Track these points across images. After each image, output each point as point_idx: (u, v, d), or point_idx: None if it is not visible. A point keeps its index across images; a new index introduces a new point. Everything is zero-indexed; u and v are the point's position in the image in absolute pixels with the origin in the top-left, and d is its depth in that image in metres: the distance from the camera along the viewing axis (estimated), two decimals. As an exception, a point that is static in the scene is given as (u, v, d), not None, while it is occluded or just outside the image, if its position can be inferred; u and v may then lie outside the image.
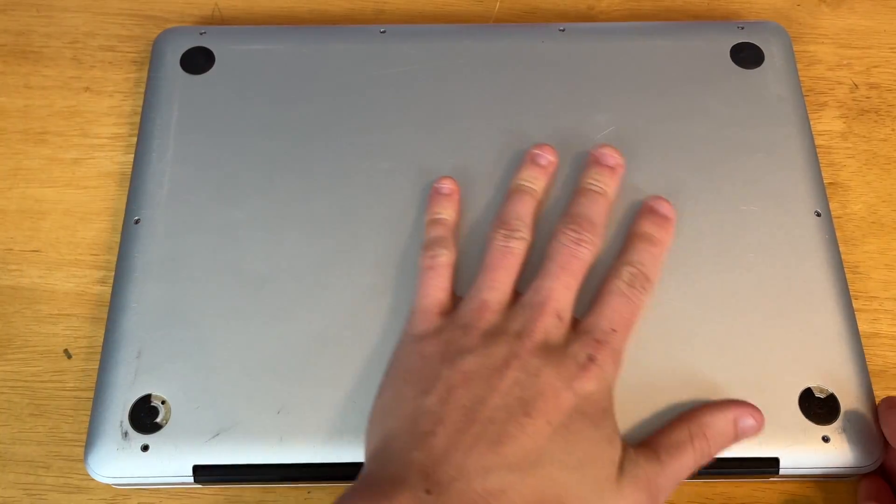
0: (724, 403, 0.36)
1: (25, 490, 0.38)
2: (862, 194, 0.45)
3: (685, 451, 0.34)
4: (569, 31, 0.47)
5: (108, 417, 0.37)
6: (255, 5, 0.52)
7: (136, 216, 0.41)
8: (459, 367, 0.34)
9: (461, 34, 0.47)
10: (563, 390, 0.33)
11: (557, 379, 0.33)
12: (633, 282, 0.37)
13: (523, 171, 0.41)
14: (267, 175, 0.42)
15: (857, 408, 0.37)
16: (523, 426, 0.32)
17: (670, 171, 0.42)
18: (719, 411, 0.36)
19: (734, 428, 0.35)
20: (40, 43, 0.50)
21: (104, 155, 0.46)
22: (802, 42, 0.50)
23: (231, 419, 0.36)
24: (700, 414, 0.36)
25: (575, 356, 0.34)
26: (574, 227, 0.38)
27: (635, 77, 0.45)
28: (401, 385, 0.35)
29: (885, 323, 0.42)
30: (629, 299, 0.37)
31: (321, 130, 0.44)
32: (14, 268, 0.43)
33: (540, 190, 0.41)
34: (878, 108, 0.48)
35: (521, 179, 0.41)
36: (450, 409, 0.32)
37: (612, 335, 0.36)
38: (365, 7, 0.52)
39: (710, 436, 0.35)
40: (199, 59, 0.46)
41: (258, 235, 0.41)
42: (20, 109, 0.48)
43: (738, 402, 0.36)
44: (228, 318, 0.39)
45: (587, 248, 0.38)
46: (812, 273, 0.40)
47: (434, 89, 0.45)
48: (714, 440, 0.35)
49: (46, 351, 0.41)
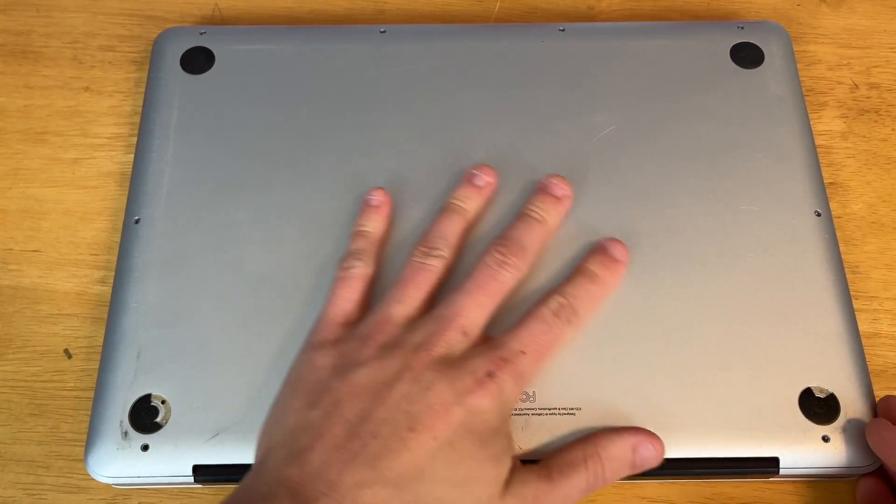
0: (625, 429, 0.36)
1: (25, 490, 0.38)
2: (862, 194, 0.45)
3: (578, 471, 0.34)
4: (569, 31, 0.47)
5: (108, 417, 0.37)
6: (255, 5, 0.52)
7: (136, 216, 0.41)
8: (350, 379, 0.33)
9: (461, 34, 0.47)
10: (453, 405, 0.33)
11: (449, 393, 0.33)
12: (560, 312, 0.36)
13: (457, 189, 0.40)
14: (267, 175, 0.42)
15: (857, 408, 0.37)
16: (406, 441, 0.31)
17: (670, 171, 0.42)
18: (618, 436, 0.35)
19: (632, 455, 0.35)
20: (40, 43, 0.50)
21: (104, 155, 0.46)
22: (802, 42, 0.50)
23: (231, 419, 0.36)
24: (598, 437, 0.35)
25: (474, 371, 0.34)
26: (502, 250, 0.38)
27: (635, 77, 0.45)
28: (290, 395, 0.34)
29: (885, 323, 0.42)
30: (550, 327, 0.36)
31: (321, 130, 0.44)
32: (14, 268, 0.43)
33: (471, 210, 0.40)
34: (878, 108, 0.48)
35: (454, 198, 0.40)
36: (332, 424, 0.32)
37: (520, 356, 0.35)
38: (365, 7, 0.52)
39: (606, 458, 0.35)
40: (199, 59, 0.46)
41: (258, 235, 0.41)
42: (20, 109, 0.48)
43: (638, 430, 0.36)
44: (228, 318, 0.39)
45: (510, 271, 0.37)
46: (812, 273, 0.40)
47: (434, 89, 0.45)
48: (609, 464, 0.35)
49: (46, 351, 0.41)
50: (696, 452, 0.36)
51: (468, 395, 0.33)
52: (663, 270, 0.40)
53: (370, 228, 0.40)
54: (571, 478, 0.34)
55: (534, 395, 0.37)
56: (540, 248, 0.39)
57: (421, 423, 0.32)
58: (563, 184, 0.40)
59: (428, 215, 0.41)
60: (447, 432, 0.32)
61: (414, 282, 0.37)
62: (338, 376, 0.34)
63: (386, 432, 0.32)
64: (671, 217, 0.41)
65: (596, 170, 0.42)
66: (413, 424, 0.32)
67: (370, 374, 0.33)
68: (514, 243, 0.38)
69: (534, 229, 0.39)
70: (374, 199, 0.40)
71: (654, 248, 0.40)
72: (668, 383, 0.37)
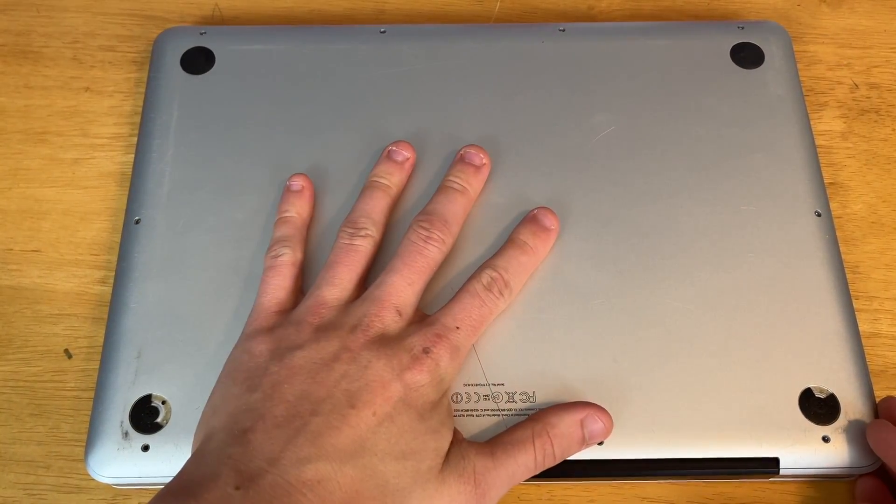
0: (572, 404, 0.36)
1: (25, 490, 0.38)
2: (862, 194, 0.45)
3: (524, 449, 0.34)
4: (569, 31, 0.47)
5: (108, 417, 0.37)
6: (255, 5, 0.52)
7: (136, 216, 0.41)
8: (288, 362, 0.34)
9: (461, 34, 0.47)
10: (392, 381, 0.33)
11: (387, 370, 0.33)
12: (491, 285, 0.37)
13: (378, 166, 0.41)
14: (267, 175, 0.42)
15: (858, 408, 0.37)
16: (346, 417, 0.32)
17: (670, 171, 0.42)
18: (566, 412, 0.35)
19: (580, 430, 0.35)
20: (40, 43, 0.50)
21: (104, 155, 0.46)
22: (802, 42, 0.50)
23: (231, 419, 0.36)
24: (546, 414, 0.35)
25: (410, 348, 0.34)
26: (425, 225, 0.38)
27: (635, 77, 0.45)
28: (229, 384, 0.34)
29: (885, 323, 0.42)
30: (482, 301, 0.37)
31: (321, 130, 0.44)
32: (14, 268, 0.43)
33: (394, 186, 0.40)
34: (879, 108, 0.48)
35: (375, 175, 0.41)
36: (273, 405, 0.32)
37: (454, 332, 0.36)
38: (365, 7, 0.52)
39: (554, 436, 0.35)
40: (199, 59, 0.46)
41: (258, 235, 0.41)
42: (20, 109, 0.48)
43: (586, 404, 0.36)
44: (228, 319, 0.39)
45: (435, 245, 0.38)
46: (812, 273, 0.40)
47: (434, 89, 0.45)
48: (558, 441, 0.35)
49: (46, 351, 0.41)
50: (696, 452, 0.36)
51: (406, 371, 0.34)
52: (663, 270, 0.40)
53: (294, 213, 0.40)
54: (517, 456, 0.34)
55: (534, 394, 0.37)
56: (463, 217, 0.40)
57: (360, 400, 0.32)
58: (481, 152, 0.41)
59: (428, 215, 0.41)
60: (387, 407, 0.33)
61: (343, 263, 0.37)
62: (275, 360, 0.34)
63: (326, 409, 0.32)
64: (671, 217, 0.41)
65: (596, 170, 0.42)
66: (353, 401, 0.32)
67: (308, 356, 0.34)
68: (437, 217, 0.38)
69: (456, 200, 0.39)
70: (295, 185, 0.41)
71: (655, 248, 0.40)
72: (667, 383, 0.37)
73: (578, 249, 0.40)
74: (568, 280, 0.39)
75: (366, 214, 0.39)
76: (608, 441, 0.36)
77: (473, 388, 0.37)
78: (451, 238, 0.39)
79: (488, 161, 0.41)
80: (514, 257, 0.38)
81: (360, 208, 0.39)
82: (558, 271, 0.40)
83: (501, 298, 0.37)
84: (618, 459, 0.36)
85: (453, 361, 0.35)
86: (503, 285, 0.37)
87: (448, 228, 0.38)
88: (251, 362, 0.34)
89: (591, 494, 0.38)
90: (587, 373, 0.37)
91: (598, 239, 0.40)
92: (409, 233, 0.38)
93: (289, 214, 0.40)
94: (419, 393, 0.34)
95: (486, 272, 0.38)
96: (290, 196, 0.40)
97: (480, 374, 0.37)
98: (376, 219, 0.39)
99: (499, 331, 0.38)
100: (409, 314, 0.36)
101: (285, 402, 0.32)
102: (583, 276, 0.39)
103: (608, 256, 0.40)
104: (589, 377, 0.37)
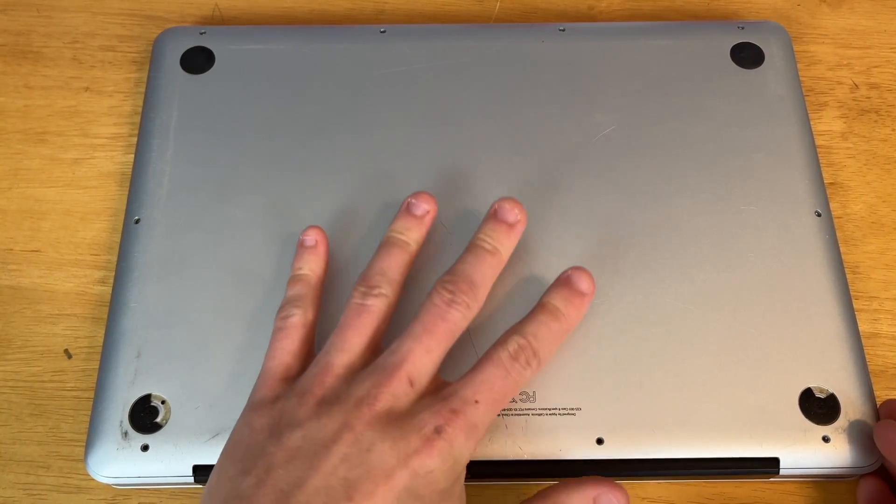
0: (583, 480, 0.32)
1: (25, 490, 0.38)
2: (862, 194, 0.45)
3: None
4: (569, 31, 0.47)
5: (108, 417, 0.37)
6: (255, 5, 0.52)
7: (136, 216, 0.41)
8: (285, 442, 0.31)
9: (461, 34, 0.47)
10: (396, 468, 0.30)
11: (392, 454, 0.30)
12: (518, 355, 0.34)
13: (396, 221, 0.38)
14: (267, 175, 0.42)
15: (858, 408, 0.37)
16: None
17: (670, 171, 0.42)
18: (577, 488, 0.32)
19: None
20: (40, 43, 0.50)
21: (104, 155, 0.46)
22: (802, 42, 0.50)
23: (231, 419, 0.36)
24: (556, 492, 0.32)
25: (420, 427, 0.31)
26: (449, 287, 0.35)
27: (635, 77, 0.45)
28: (225, 461, 0.32)
29: (886, 323, 0.42)
30: (507, 372, 0.33)
31: (321, 130, 0.44)
32: (14, 268, 0.43)
33: (413, 242, 0.37)
34: (879, 108, 0.48)
35: (393, 231, 0.38)
36: (263, 494, 0.29)
37: (472, 407, 0.32)
38: (365, 7, 0.52)
39: None
40: (199, 58, 0.46)
41: (258, 235, 0.41)
42: (20, 109, 0.48)
43: (598, 481, 0.32)
44: (228, 318, 0.39)
45: (459, 310, 0.34)
46: (812, 273, 0.40)
47: (434, 89, 0.45)
48: None
49: (46, 351, 0.41)
50: (697, 452, 0.36)
51: (413, 457, 0.30)
52: (663, 270, 0.40)
53: (307, 271, 0.37)
54: None
55: (534, 394, 0.37)
56: (492, 280, 0.36)
57: (359, 492, 0.29)
58: (516, 208, 0.37)
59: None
60: (389, 499, 0.29)
61: (354, 327, 0.34)
62: (273, 439, 0.31)
63: (320, 502, 0.29)
64: (671, 217, 0.41)
65: (596, 170, 0.42)
66: (351, 492, 0.29)
67: (307, 436, 0.31)
68: (463, 279, 0.35)
69: (485, 261, 0.36)
70: (309, 239, 0.38)
71: (655, 248, 0.40)
72: (668, 383, 0.37)
73: (578, 249, 0.40)
74: (568, 280, 0.39)
75: (380, 272, 0.36)
76: (608, 441, 0.36)
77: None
78: (477, 303, 0.35)
79: (524, 217, 0.37)
80: (545, 323, 0.35)
81: (376, 265, 0.36)
82: (558, 271, 0.39)
83: (528, 369, 0.34)
84: (618, 459, 0.36)
85: (469, 441, 0.32)
86: (531, 354, 0.34)
87: (474, 292, 0.35)
88: (250, 439, 0.32)
89: (591, 494, 0.38)
90: (587, 373, 0.37)
91: (598, 239, 0.40)
92: (432, 295, 0.35)
93: (302, 272, 0.37)
94: (428, 480, 0.30)
95: (514, 339, 0.34)
96: (303, 252, 0.38)
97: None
98: (391, 277, 0.36)
99: (499, 331, 0.38)
100: (423, 384, 0.33)
101: (277, 492, 0.30)
102: (583, 276, 0.39)
103: (608, 256, 0.40)
104: (589, 377, 0.37)
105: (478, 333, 0.38)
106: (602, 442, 0.36)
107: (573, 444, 0.36)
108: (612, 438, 0.36)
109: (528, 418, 0.36)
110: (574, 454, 0.36)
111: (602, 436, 0.36)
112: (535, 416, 0.36)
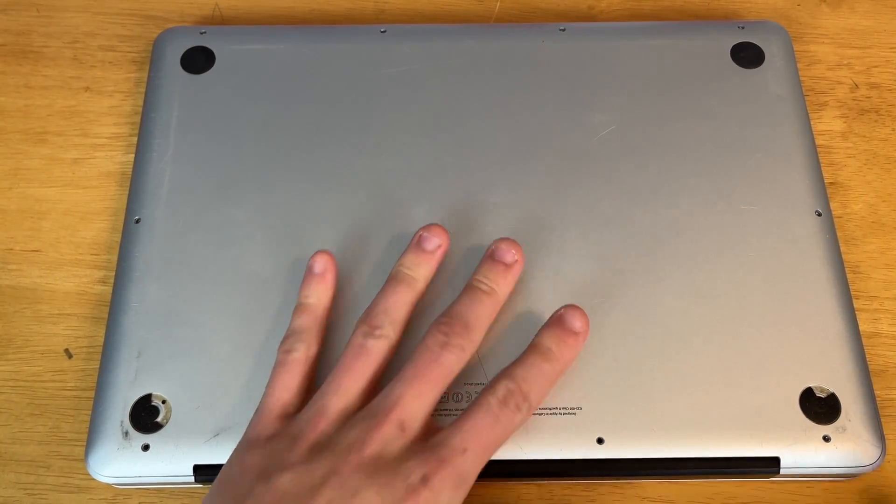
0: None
1: (26, 490, 0.38)
2: (862, 194, 0.45)
3: None
4: (569, 31, 0.47)
5: (108, 417, 0.37)
6: (255, 5, 0.52)
7: (136, 216, 0.41)
8: (273, 485, 0.31)
9: (461, 34, 0.47)
10: None
11: (377, 501, 0.30)
12: (508, 400, 0.33)
13: (406, 255, 0.37)
14: (267, 175, 0.42)
15: (858, 407, 0.37)
16: None
17: (670, 171, 0.42)
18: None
19: None
20: (40, 43, 0.50)
21: (104, 155, 0.46)
22: (802, 42, 0.50)
23: (231, 419, 0.36)
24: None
25: (407, 475, 0.31)
26: (444, 329, 0.34)
27: (635, 77, 0.45)
28: (216, 496, 0.32)
29: (886, 322, 0.42)
30: (496, 419, 0.33)
31: (321, 130, 0.44)
32: (14, 268, 0.43)
33: (421, 279, 0.37)
34: (879, 108, 0.48)
35: (402, 265, 0.37)
36: None
37: (460, 456, 0.32)
38: (365, 7, 0.52)
39: None
40: (199, 58, 0.46)
41: (258, 235, 0.41)
42: (20, 109, 0.48)
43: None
44: (228, 318, 0.39)
45: (453, 353, 0.34)
46: (812, 273, 0.40)
47: (434, 89, 0.45)
48: None
49: (47, 351, 0.41)
50: (697, 452, 0.36)
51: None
52: (663, 270, 0.40)
53: (314, 300, 0.37)
54: None
55: (534, 394, 0.37)
56: (488, 322, 0.36)
57: None
58: (512, 248, 0.37)
59: (427, 217, 0.41)
60: None
61: (352, 370, 0.34)
62: (262, 481, 0.31)
63: None
64: (671, 217, 0.41)
65: (596, 170, 0.42)
66: None
67: (295, 480, 0.31)
68: (458, 320, 0.35)
69: (481, 302, 0.36)
70: (318, 266, 0.37)
71: (655, 248, 0.40)
72: (668, 383, 0.37)
73: (578, 249, 0.40)
74: (568, 280, 0.39)
75: (385, 311, 0.35)
76: (608, 441, 0.36)
77: (474, 388, 0.37)
78: (472, 345, 0.35)
79: (521, 257, 0.37)
80: (536, 366, 0.34)
81: (381, 303, 0.36)
82: (558, 271, 0.40)
83: (519, 414, 0.33)
84: (618, 459, 0.36)
85: (456, 492, 0.31)
86: (521, 399, 0.33)
87: (469, 335, 0.35)
88: (240, 478, 0.32)
89: (592, 494, 0.38)
90: (587, 373, 0.37)
91: (598, 239, 0.40)
92: (427, 337, 0.35)
93: (309, 301, 0.37)
94: None
95: (503, 383, 0.33)
96: (311, 280, 0.37)
97: (481, 374, 0.37)
98: (395, 317, 0.36)
99: (499, 331, 0.38)
100: (414, 430, 0.33)
101: None
102: (583, 276, 0.39)
103: (608, 256, 0.40)
104: (589, 377, 0.37)
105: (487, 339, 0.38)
106: (602, 442, 0.36)
107: (573, 444, 0.36)
108: (612, 438, 0.36)
109: (528, 418, 0.36)
110: (574, 454, 0.36)
111: (602, 435, 0.36)
112: (536, 415, 0.36)
